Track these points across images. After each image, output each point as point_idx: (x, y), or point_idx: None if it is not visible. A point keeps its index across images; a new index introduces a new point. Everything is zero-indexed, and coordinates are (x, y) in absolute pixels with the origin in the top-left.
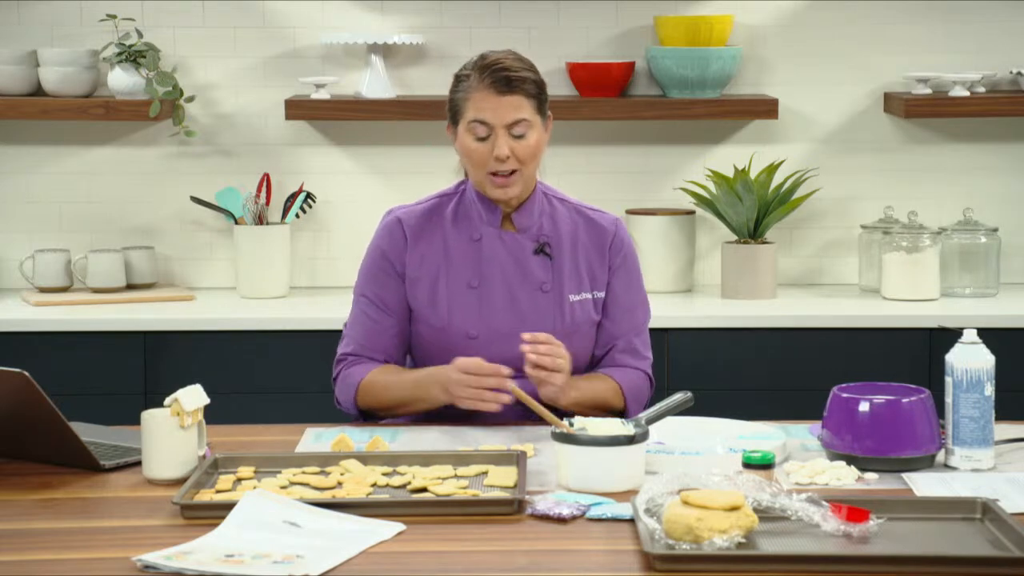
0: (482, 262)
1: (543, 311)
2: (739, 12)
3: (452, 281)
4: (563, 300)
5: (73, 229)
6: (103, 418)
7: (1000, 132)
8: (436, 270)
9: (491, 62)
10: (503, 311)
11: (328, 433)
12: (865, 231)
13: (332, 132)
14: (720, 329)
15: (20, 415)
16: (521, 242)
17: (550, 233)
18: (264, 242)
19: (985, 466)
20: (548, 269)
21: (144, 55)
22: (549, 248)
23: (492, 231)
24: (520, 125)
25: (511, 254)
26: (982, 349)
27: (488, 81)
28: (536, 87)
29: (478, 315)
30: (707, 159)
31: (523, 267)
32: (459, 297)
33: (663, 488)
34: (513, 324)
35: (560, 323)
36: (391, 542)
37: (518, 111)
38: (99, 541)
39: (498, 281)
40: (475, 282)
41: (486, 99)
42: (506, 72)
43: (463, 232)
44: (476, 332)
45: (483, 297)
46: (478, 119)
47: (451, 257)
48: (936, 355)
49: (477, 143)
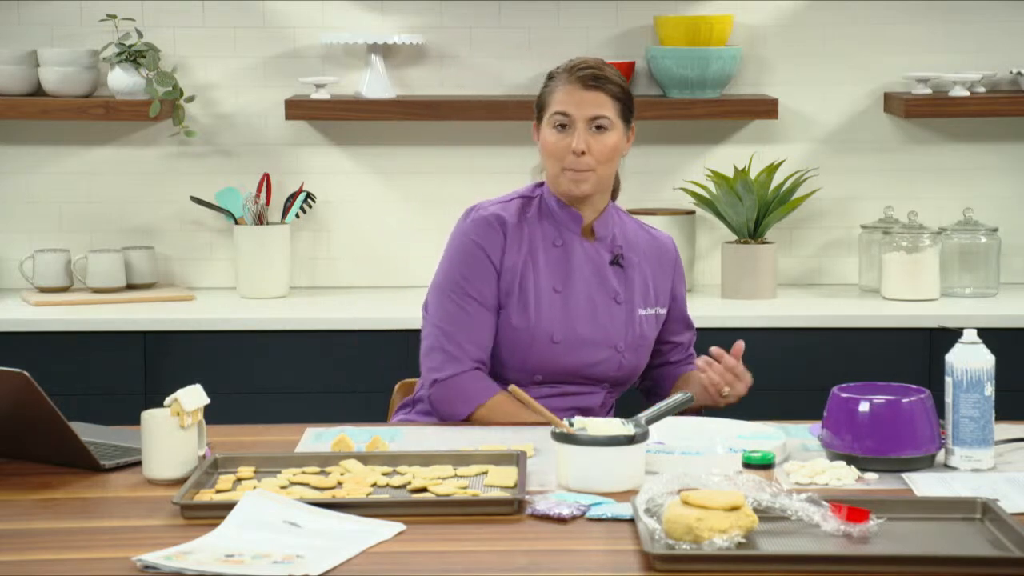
0: (566, 267)
1: (617, 322)
2: (739, 12)
3: (539, 284)
4: (634, 312)
5: (73, 229)
6: (103, 418)
7: (1000, 132)
8: (524, 271)
9: (581, 61)
10: (584, 318)
11: (328, 433)
12: (865, 231)
13: (332, 132)
14: (720, 329)
15: (20, 415)
16: (600, 251)
17: (623, 245)
18: (264, 242)
19: (985, 466)
20: (622, 280)
21: (144, 55)
22: (623, 260)
23: (573, 238)
24: (600, 120)
25: (591, 262)
26: (982, 349)
27: (575, 77)
28: (623, 92)
29: (562, 320)
30: (707, 159)
31: (601, 276)
32: (545, 300)
33: (663, 488)
34: (592, 332)
35: (631, 335)
36: (391, 542)
37: (600, 107)
38: (99, 541)
39: (580, 288)
40: (560, 287)
41: (571, 93)
42: (594, 71)
43: (547, 235)
44: (560, 336)
45: (566, 302)
46: (560, 111)
47: (536, 260)
48: (936, 355)
49: (556, 135)
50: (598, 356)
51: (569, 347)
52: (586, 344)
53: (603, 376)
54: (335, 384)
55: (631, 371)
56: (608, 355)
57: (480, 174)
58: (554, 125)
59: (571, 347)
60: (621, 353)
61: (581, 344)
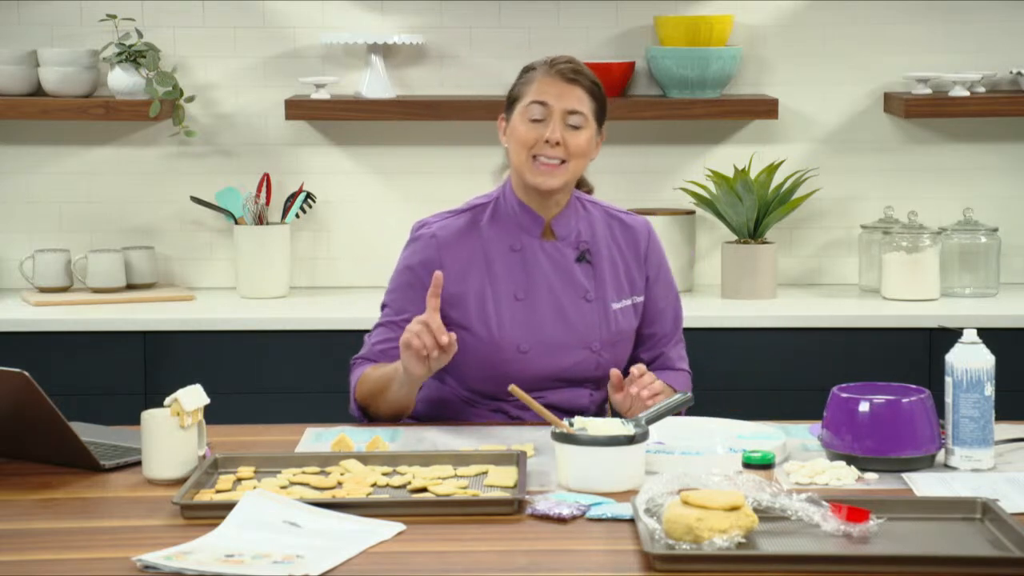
0: (526, 273)
1: (589, 321)
2: (739, 12)
3: (498, 293)
4: (607, 308)
5: (73, 229)
6: (103, 418)
7: (1000, 132)
8: (480, 284)
9: (559, 59)
10: (551, 322)
11: (328, 433)
12: (865, 231)
13: (332, 132)
14: (720, 329)
15: (20, 415)
16: (563, 251)
17: (588, 239)
18: (264, 242)
19: (985, 466)
20: (591, 277)
21: (144, 55)
22: (590, 255)
23: (533, 241)
24: (577, 116)
25: (554, 263)
26: (982, 349)
27: (556, 70)
28: (599, 91)
29: (527, 328)
30: (707, 159)
31: (567, 276)
32: (507, 310)
33: (663, 488)
34: (561, 335)
35: (606, 332)
36: (391, 542)
37: (579, 102)
38: (99, 541)
39: (544, 292)
40: (521, 294)
41: (552, 84)
42: (573, 65)
43: (502, 242)
44: (527, 346)
45: (531, 309)
46: (538, 100)
47: (494, 269)
48: (936, 355)
49: (530, 124)
50: (573, 358)
51: (539, 354)
52: (558, 348)
53: (582, 377)
54: (335, 384)
55: (610, 368)
56: (584, 356)
57: (480, 174)
58: (529, 116)
59: (541, 354)
60: (597, 352)
61: (552, 349)
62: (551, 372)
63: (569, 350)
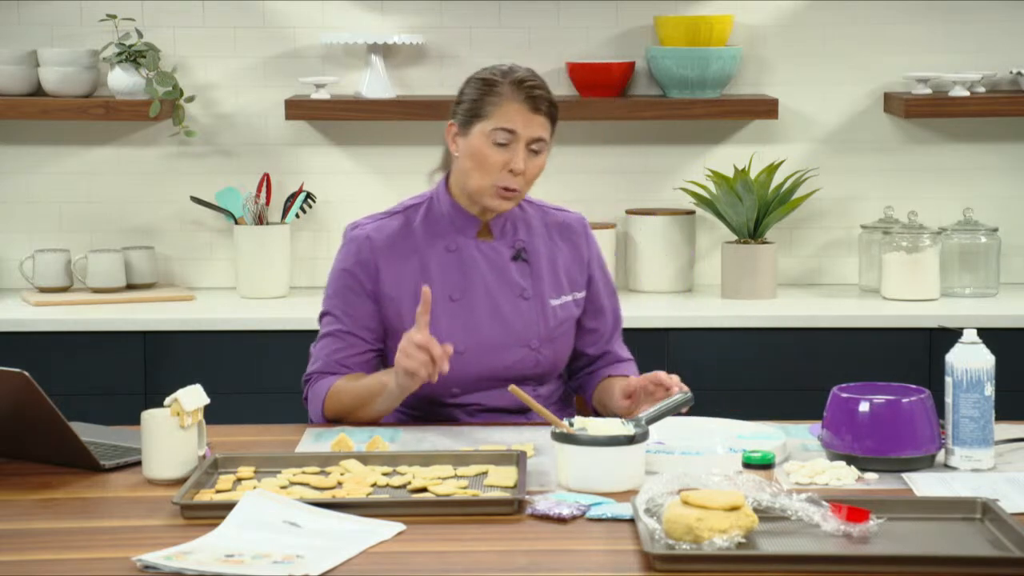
0: (462, 273)
1: (527, 319)
2: (739, 12)
3: (433, 296)
4: (545, 305)
5: (73, 229)
6: (103, 418)
7: (1000, 132)
8: (415, 286)
9: (524, 78)
10: (488, 322)
11: (328, 433)
12: (865, 231)
13: (332, 132)
14: (720, 329)
15: (20, 415)
16: (498, 250)
17: (525, 238)
18: (264, 242)
19: (985, 466)
20: (527, 275)
21: (144, 55)
22: (526, 253)
23: (468, 241)
24: (539, 143)
25: (490, 263)
26: (982, 349)
27: (523, 96)
28: (556, 112)
29: (463, 328)
30: (707, 159)
31: (503, 275)
32: (442, 311)
33: (663, 488)
34: (498, 335)
35: (544, 329)
36: (391, 542)
37: (543, 129)
38: (99, 541)
39: (480, 292)
40: (457, 295)
41: (520, 112)
42: (539, 91)
43: (437, 244)
44: (463, 346)
45: (467, 310)
46: (507, 127)
47: (428, 271)
48: (936, 355)
49: (495, 149)
50: (511, 357)
51: (476, 355)
52: (495, 348)
53: (522, 376)
54: None
55: (551, 365)
56: (522, 354)
57: None
58: (494, 139)
59: (478, 354)
60: (536, 350)
61: (489, 349)
62: (490, 372)
63: (507, 349)
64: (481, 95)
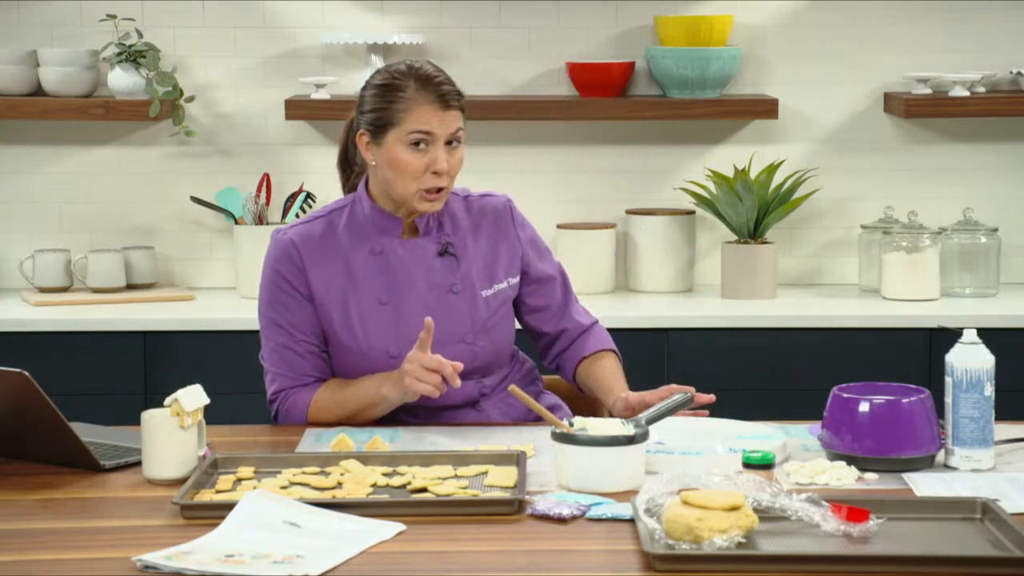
0: (388, 275)
1: (457, 313)
2: (739, 12)
3: (361, 300)
4: (476, 297)
5: (73, 229)
6: (103, 418)
7: (1000, 132)
8: (343, 291)
9: (429, 75)
10: (418, 322)
11: (328, 433)
12: (865, 231)
13: (332, 132)
14: (720, 329)
15: (20, 415)
16: (424, 247)
17: (450, 231)
18: (264, 242)
19: (985, 466)
20: (455, 269)
21: (144, 55)
22: (452, 248)
23: (392, 241)
24: (457, 134)
25: (416, 261)
26: (982, 349)
27: (432, 95)
28: (464, 101)
29: (395, 331)
30: (707, 159)
31: (429, 273)
32: (372, 315)
33: (663, 488)
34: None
35: (478, 321)
36: (391, 542)
37: (457, 121)
38: (99, 541)
39: (408, 292)
40: (385, 297)
41: (432, 112)
42: (446, 87)
43: (362, 247)
44: (397, 350)
45: (396, 311)
46: (422, 130)
47: (355, 275)
48: (936, 355)
49: (412, 155)
50: (447, 354)
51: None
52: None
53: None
54: None
55: (492, 355)
56: (458, 349)
57: (479, 174)
58: (409, 143)
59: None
60: (472, 343)
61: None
62: None
63: (441, 346)
64: (388, 102)
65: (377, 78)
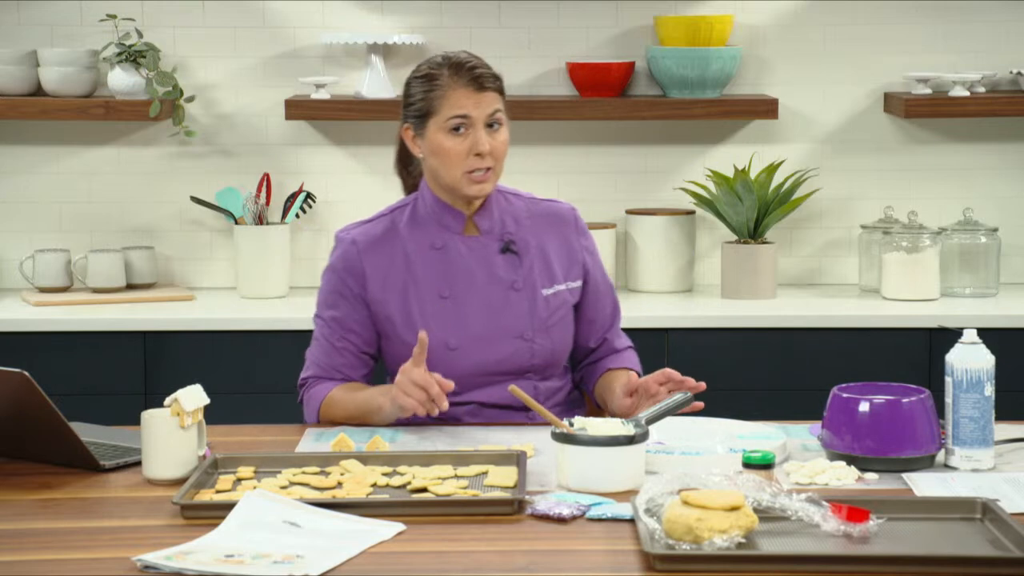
0: (449, 270)
1: (518, 310)
2: (739, 12)
3: (422, 294)
4: (536, 296)
5: (73, 229)
6: (103, 418)
7: (1000, 132)
8: (403, 287)
9: (462, 61)
10: (478, 317)
11: (328, 433)
12: (865, 231)
13: (332, 132)
14: (720, 329)
15: (20, 415)
16: (486, 244)
17: (513, 230)
18: (264, 242)
19: (985, 466)
20: (517, 267)
21: (144, 55)
22: (515, 245)
23: (454, 237)
24: (496, 116)
25: (477, 257)
26: (982, 349)
27: (466, 79)
28: (502, 85)
29: (454, 325)
30: (707, 159)
31: (491, 269)
32: (432, 310)
33: (663, 488)
34: (490, 329)
35: (538, 319)
36: (391, 542)
37: (495, 103)
38: (99, 541)
39: (469, 287)
40: (446, 292)
41: (467, 95)
42: (480, 70)
43: (423, 242)
44: (456, 343)
45: (457, 306)
46: (458, 114)
47: (415, 270)
48: (936, 355)
49: (454, 140)
50: (505, 350)
51: (469, 350)
52: (487, 341)
53: (519, 368)
54: None
55: (549, 355)
56: (516, 346)
57: None
58: (449, 129)
59: (471, 349)
60: (530, 340)
61: (482, 343)
62: (485, 367)
63: (500, 342)
64: (425, 92)
65: (416, 72)
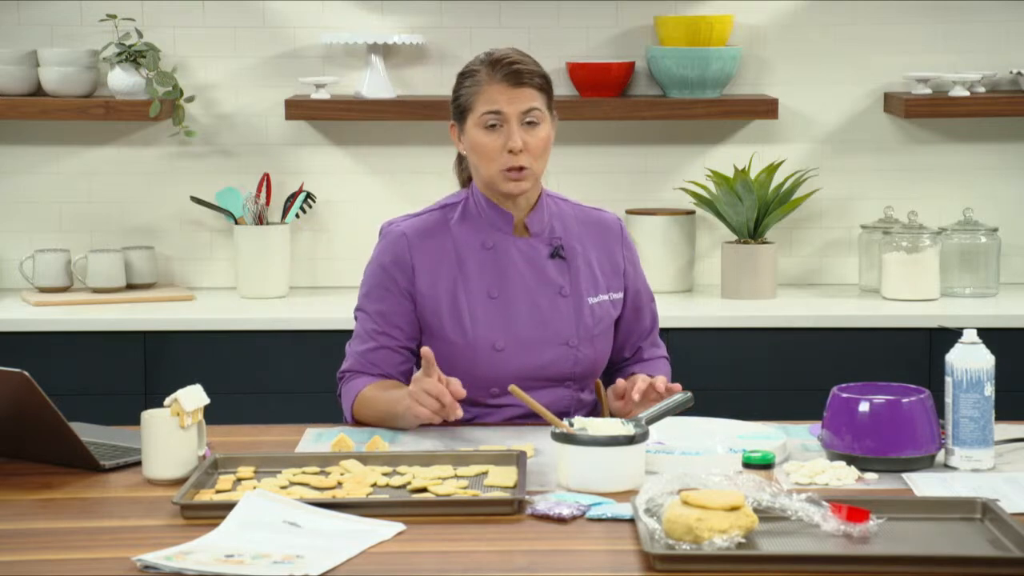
0: (499, 270)
1: (565, 316)
2: (739, 12)
3: (471, 292)
4: (583, 303)
5: (73, 229)
6: (103, 418)
7: (1000, 132)
8: (452, 283)
9: (500, 57)
10: (526, 320)
11: (328, 433)
12: (865, 231)
13: (332, 132)
14: (720, 329)
15: (20, 415)
16: (536, 247)
17: (562, 235)
18: (264, 242)
19: (985, 466)
20: (565, 272)
21: (144, 55)
22: (563, 251)
23: (505, 238)
24: (533, 113)
25: (527, 260)
26: (982, 349)
27: (501, 75)
28: (545, 82)
29: (503, 326)
30: (707, 159)
31: (540, 272)
32: (480, 309)
33: (663, 488)
34: (536, 332)
35: (583, 327)
36: (391, 542)
37: (531, 100)
38: (99, 541)
39: (518, 289)
40: (495, 292)
41: (501, 91)
42: (518, 65)
43: (474, 241)
44: (503, 344)
45: (505, 307)
46: (491, 110)
47: (465, 268)
48: (936, 355)
49: (489, 136)
50: (549, 355)
51: (515, 352)
52: (534, 345)
53: (560, 375)
54: (335, 384)
55: (591, 364)
56: (560, 352)
57: None
58: (484, 125)
59: (517, 351)
60: (574, 348)
61: (528, 346)
62: (528, 370)
63: (545, 346)
64: (462, 89)
65: (462, 69)
